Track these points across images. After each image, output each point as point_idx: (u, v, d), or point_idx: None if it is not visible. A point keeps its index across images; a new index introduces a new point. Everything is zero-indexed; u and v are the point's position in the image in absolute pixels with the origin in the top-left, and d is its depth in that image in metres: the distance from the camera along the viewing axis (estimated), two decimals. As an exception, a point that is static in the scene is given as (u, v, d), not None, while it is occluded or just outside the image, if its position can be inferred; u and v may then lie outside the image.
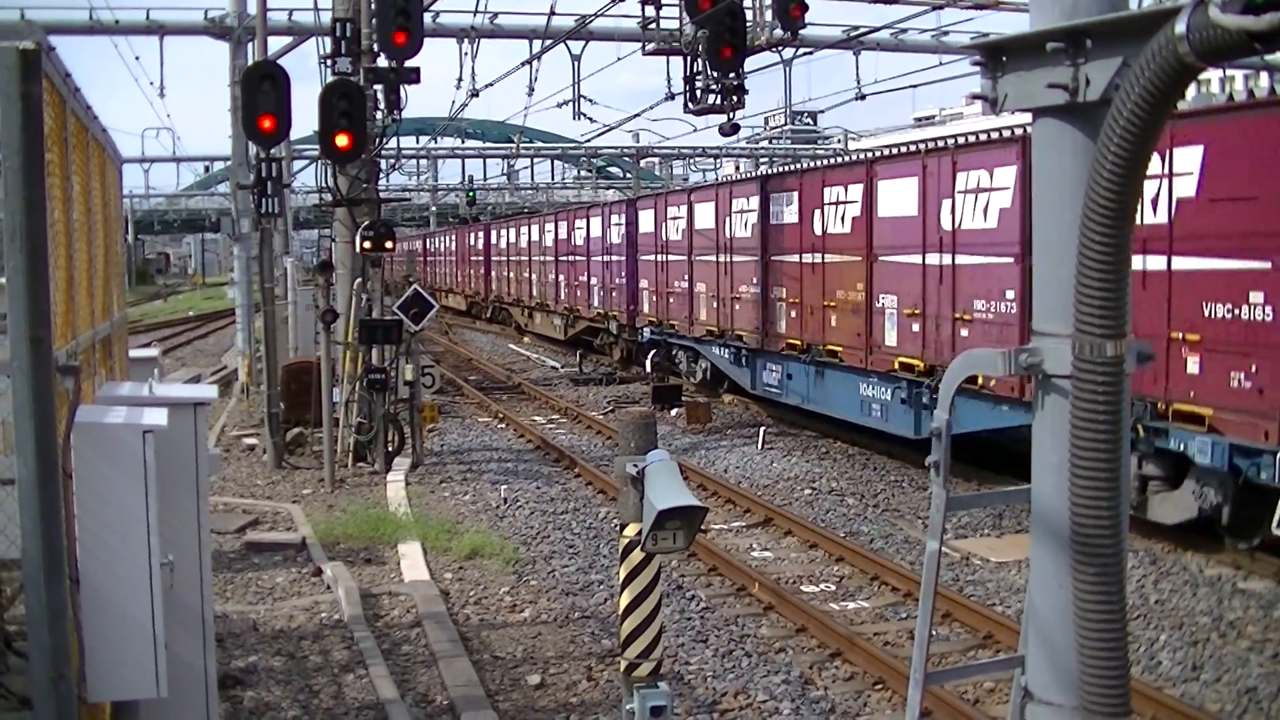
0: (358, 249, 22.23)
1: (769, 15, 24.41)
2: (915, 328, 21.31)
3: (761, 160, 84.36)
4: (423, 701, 11.36)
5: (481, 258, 65.21)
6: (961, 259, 19.85)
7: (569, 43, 34.53)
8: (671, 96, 27.26)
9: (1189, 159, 15.24)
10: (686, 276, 32.92)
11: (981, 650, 12.85)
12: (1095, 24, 3.57)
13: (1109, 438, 3.48)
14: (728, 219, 29.92)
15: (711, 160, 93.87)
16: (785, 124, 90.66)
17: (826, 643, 13.16)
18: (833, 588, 15.45)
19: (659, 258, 35.31)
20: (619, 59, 38.89)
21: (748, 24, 23.68)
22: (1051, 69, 3.69)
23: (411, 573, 15.64)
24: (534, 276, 52.12)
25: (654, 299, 35.87)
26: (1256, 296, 14.26)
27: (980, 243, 19.43)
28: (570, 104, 36.54)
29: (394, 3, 20.43)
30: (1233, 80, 50.93)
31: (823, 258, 24.85)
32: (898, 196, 21.99)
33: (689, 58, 24.23)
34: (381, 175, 25.65)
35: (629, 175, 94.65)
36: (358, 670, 12.01)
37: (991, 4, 29.31)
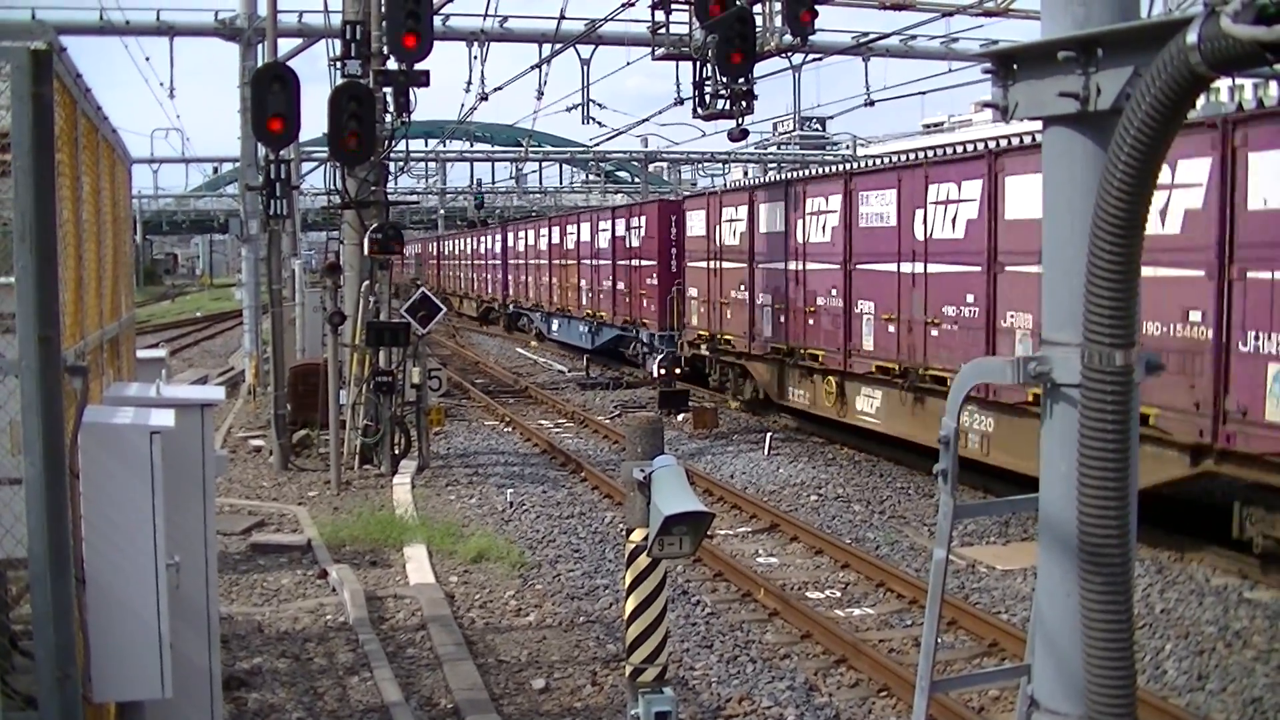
0: (366, 251, 22.26)
1: (779, 21, 24.41)
2: (591, 295, 43.26)
3: (770, 165, 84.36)
4: (427, 705, 11.35)
5: (435, 261, 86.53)
6: (597, 262, 42.47)
7: (579, 47, 34.53)
8: (680, 101, 27.30)
9: (693, 220, 33.44)
10: (526, 274, 56.06)
11: (987, 658, 12.84)
12: (1107, 33, 3.57)
13: (1118, 447, 3.48)
14: (541, 240, 52.88)
15: (720, 165, 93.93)
16: (794, 129, 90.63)
17: (831, 649, 13.15)
18: (838, 594, 15.44)
19: (516, 262, 58.62)
20: (628, 63, 39.16)
21: (757, 30, 23.66)
22: (1063, 78, 3.70)
23: (417, 576, 15.64)
24: (461, 275, 76.04)
25: (516, 288, 59.02)
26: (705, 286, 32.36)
27: (590, 254, 43.44)
28: (579, 108, 36.58)
29: (404, 6, 20.46)
30: (1242, 90, 50.85)
31: (564, 262, 47.97)
32: (575, 233, 46.36)
33: (698, 63, 24.23)
34: (390, 178, 25.66)
35: (638, 179, 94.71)
36: (362, 673, 12.01)
37: (1001, 11, 29.29)
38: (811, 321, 25.62)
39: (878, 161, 30.63)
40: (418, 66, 21.48)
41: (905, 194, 22.16)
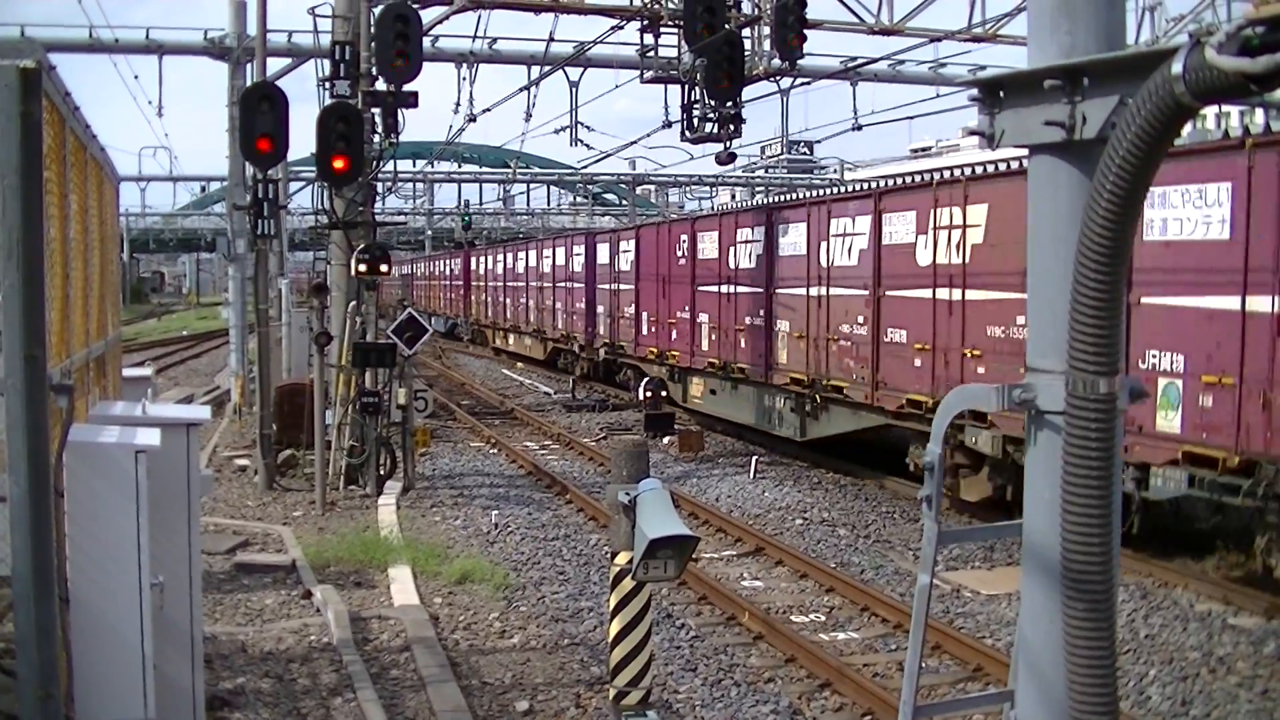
0: (353, 272, 22.26)
1: (767, 45, 24.50)
2: (443, 301, 78.63)
3: (758, 189, 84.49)
4: (410, 726, 11.33)
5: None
6: (444, 283, 79.33)
7: (567, 69, 34.58)
8: (669, 124, 27.31)
9: (473, 263, 69.74)
10: (419, 291, 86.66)
11: (971, 683, 12.84)
12: (1092, 63, 3.59)
13: (1101, 474, 3.49)
14: (423, 269, 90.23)
15: (707, 189, 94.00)
16: (782, 153, 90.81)
17: (816, 673, 13.14)
18: (823, 618, 15.44)
19: (417, 283, 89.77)
20: (617, 86, 39.22)
21: (746, 53, 23.74)
22: (1049, 106, 3.71)
23: (401, 597, 15.61)
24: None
25: (415, 299, 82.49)
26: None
27: (442, 278, 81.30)
28: (568, 130, 36.62)
29: (393, 27, 20.52)
30: (1228, 117, 50.98)
31: (432, 282, 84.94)
32: (437, 266, 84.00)
33: (687, 86, 24.30)
34: (378, 198, 25.67)
35: (625, 202, 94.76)
36: (346, 694, 11.97)
37: (989, 37, 29.38)
38: (501, 309, 58.08)
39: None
40: (406, 87, 21.52)
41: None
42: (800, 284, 25.48)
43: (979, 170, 20.37)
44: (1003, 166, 19.33)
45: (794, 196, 39.00)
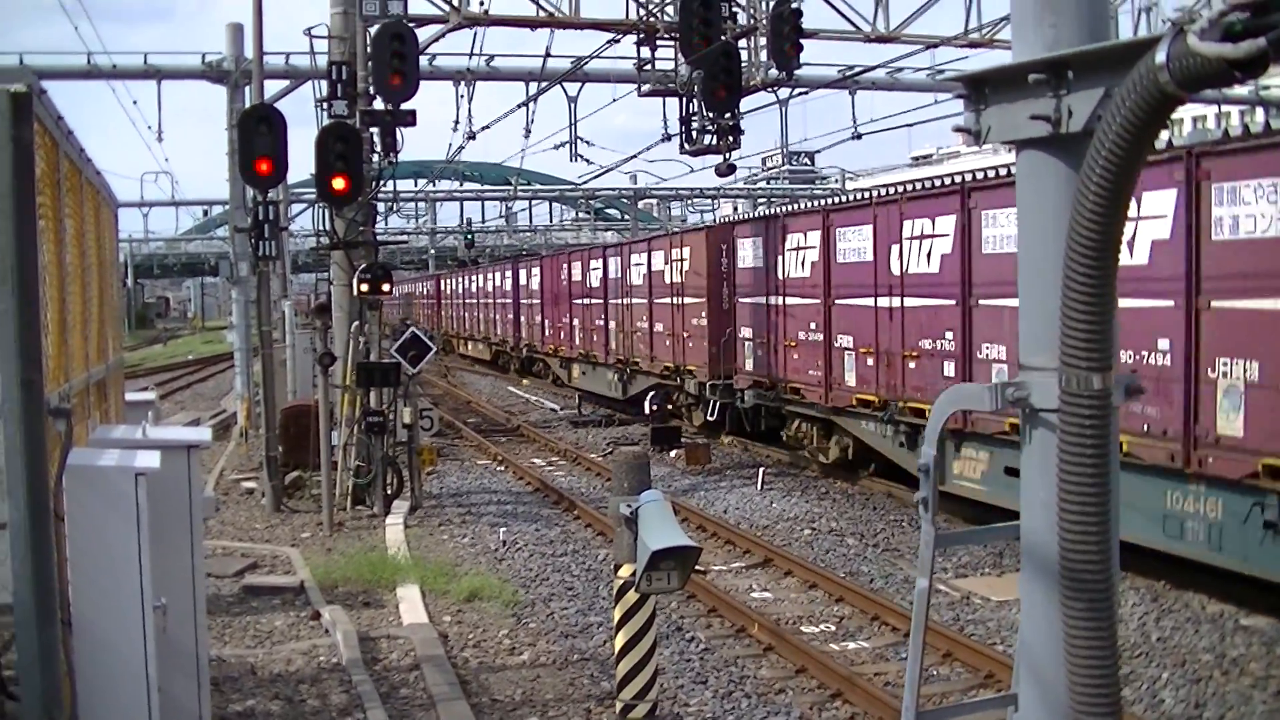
0: (355, 292, 22.27)
1: (764, 56, 24.51)
2: (422, 318, 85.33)
3: (759, 200, 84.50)
4: (420, 745, 11.30)
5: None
6: (424, 301, 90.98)
7: (565, 84, 34.64)
8: (668, 137, 27.33)
9: (444, 285, 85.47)
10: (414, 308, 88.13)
11: (983, 689, 12.79)
12: (1076, 55, 3.58)
13: (1097, 471, 3.47)
14: (416, 289, 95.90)
15: (709, 201, 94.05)
16: (782, 164, 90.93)
17: (826, 683, 13.10)
18: (833, 628, 15.40)
19: (428, 302, 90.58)
20: (615, 100, 39.28)
21: (743, 64, 23.75)
22: (1034, 101, 3.70)
23: (410, 616, 15.58)
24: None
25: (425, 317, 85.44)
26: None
27: (423, 297, 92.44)
28: (567, 145, 36.64)
29: (389, 46, 20.55)
30: (1228, 116, 50.96)
31: (419, 300, 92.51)
32: (420, 290, 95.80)
33: (684, 99, 24.30)
34: (379, 218, 25.69)
35: (627, 216, 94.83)
36: (355, 714, 11.94)
37: (985, 42, 29.36)
38: (462, 321, 72.52)
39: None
40: (404, 106, 21.55)
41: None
42: (618, 297, 38.56)
43: (706, 222, 46.87)
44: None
45: (796, 206, 41.79)
